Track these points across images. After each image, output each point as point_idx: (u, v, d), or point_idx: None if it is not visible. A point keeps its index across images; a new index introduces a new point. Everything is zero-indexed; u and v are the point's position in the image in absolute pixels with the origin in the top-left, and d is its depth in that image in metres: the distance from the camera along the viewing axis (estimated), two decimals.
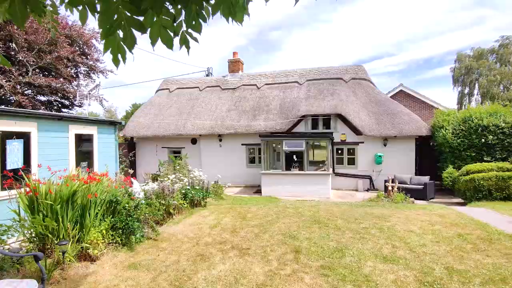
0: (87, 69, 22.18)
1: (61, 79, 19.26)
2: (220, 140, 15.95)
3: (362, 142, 14.23)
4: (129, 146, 16.88)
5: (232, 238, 6.00)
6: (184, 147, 16.59)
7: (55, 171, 5.81)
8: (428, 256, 4.98)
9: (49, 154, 7.26)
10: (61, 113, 7.85)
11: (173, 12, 1.14)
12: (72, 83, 20.91)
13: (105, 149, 9.17)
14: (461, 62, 37.46)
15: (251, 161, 15.85)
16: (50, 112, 8.29)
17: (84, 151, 8.50)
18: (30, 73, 18.12)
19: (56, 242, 4.70)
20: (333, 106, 14.32)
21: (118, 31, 1.19)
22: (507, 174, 9.86)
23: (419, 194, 11.76)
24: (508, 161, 10.94)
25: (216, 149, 16.05)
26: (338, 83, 15.70)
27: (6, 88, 16.87)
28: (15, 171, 6.28)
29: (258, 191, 13.47)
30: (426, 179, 12.27)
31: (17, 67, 17.84)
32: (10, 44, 17.97)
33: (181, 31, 1.22)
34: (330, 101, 14.59)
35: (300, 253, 5.14)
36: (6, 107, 6.68)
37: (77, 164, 8.10)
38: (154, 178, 10.57)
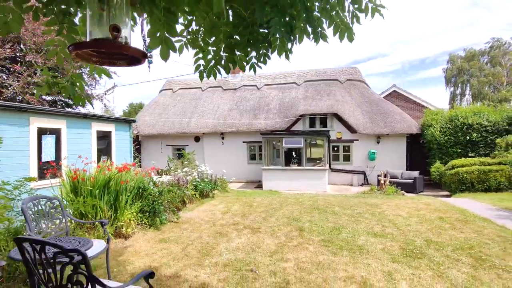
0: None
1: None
2: (223, 138, 16.79)
3: (357, 140, 15.17)
4: (134, 143, 17.65)
5: (243, 221, 6.86)
6: (187, 145, 17.40)
7: (87, 163, 6.63)
8: (412, 233, 5.89)
9: (76, 149, 8.06)
10: (85, 112, 8.65)
11: (249, 50, 1.99)
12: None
13: (121, 144, 9.97)
14: (453, 63, 38.68)
15: (252, 158, 16.71)
16: (76, 111, 9.07)
17: (103, 146, 9.30)
18: (38, 74, 18.83)
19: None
20: (330, 105, 15.24)
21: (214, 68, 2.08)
22: (488, 168, 10.84)
23: (409, 187, 12.71)
24: (490, 157, 11.92)
25: (219, 146, 16.89)
26: (334, 84, 16.62)
27: (15, 88, 17.57)
28: (47, 162, 7.12)
29: (259, 186, 14.33)
30: (416, 173, 13.23)
31: (25, 67, 18.54)
32: (19, 46, 18.65)
33: (251, 62, 2.08)
34: (326, 101, 15.50)
35: (304, 231, 6.02)
36: (41, 107, 7.47)
37: (98, 157, 8.90)
38: (163, 173, 11.37)
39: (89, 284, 2.00)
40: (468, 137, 12.75)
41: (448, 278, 3.91)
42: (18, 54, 18.50)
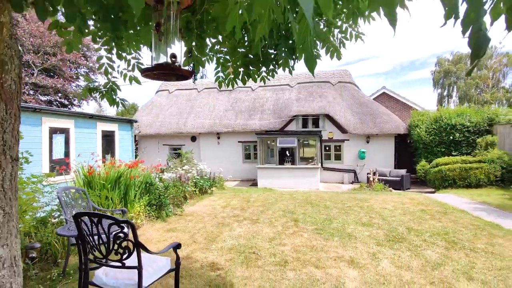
0: (87, 71, 23.24)
1: (61, 80, 20.30)
2: (219, 138, 17.31)
3: (348, 140, 15.86)
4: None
5: (242, 214, 7.43)
6: (184, 144, 17.88)
7: (97, 160, 7.13)
8: (396, 222, 6.53)
9: (83, 147, 8.53)
10: (91, 113, 9.12)
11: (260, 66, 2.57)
12: (71, 84, 21.98)
13: (124, 143, 10.45)
14: (441, 65, 39.87)
15: (247, 157, 17.28)
16: (83, 112, 9.53)
17: (107, 144, 9.77)
18: (35, 74, 19.12)
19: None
20: (322, 107, 15.90)
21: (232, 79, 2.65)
22: (469, 165, 11.60)
23: (397, 184, 13.42)
24: (471, 155, 12.69)
25: (214, 146, 17.41)
26: (326, 86, 17.29)
27: None
28: (57, 159, 7.57)
29: (254, 184, 14.90)
30: (403, 171, 13.95)
31: (24, 68, 18.79)
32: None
33: (261, 75, 2.66)
34: (319, 103, 16.16)
35: (298, 222, 6.62)
36: (52, 108, 7.92)
37: (103, 155, 9.37)
38: (164, 171, 11.85)
39: (135, 249, 2.55)
40: (451, 137, 13.53)
41: (423, 256, 4.54)
42: None
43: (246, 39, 2.50)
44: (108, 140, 9.88)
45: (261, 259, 4.46)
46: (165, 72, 1.88)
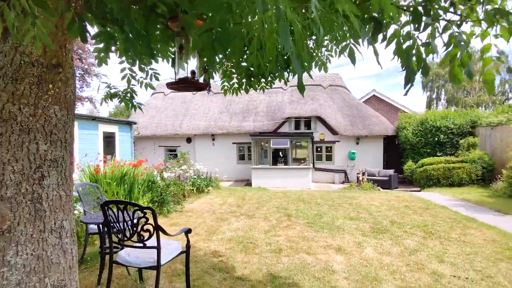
0: (82, 72, 23.50)
1: None
2: (213, 139, 17.77)
3: (338, 141, 16.47)
4: None
5: (239, 210, 7.92)
6: (179, 146, 18.29)
7: (101, 160, 7.55)
8: (381, 217, 7.09)
9: (86, 148, 8.92)
10: (93, 115, 9.51)
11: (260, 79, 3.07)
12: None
13: (123, 144, 10.86)
14: (430, 69, 40.95)
15: (241, 158, 17.76)
16: (86, 114, 9.92)
17: (108, 145, 10.16)
18: None
19: None
20: (313, 109, 16.49)
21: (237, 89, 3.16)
22: (452, 165, 12.28)
23: (385, 184, 14.04)
24: (455, 156, 13.39)
25: (209, 147, 17.86)
26: (318, 89, 17.90)
27: None
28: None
29: (248, 184, 15.39)
30: (391, 171, 14.59)
31: None
32: None
33: (261, 85, 3.16)
34: (310, 105, 16.74)
35: (291, 216, 7.13)
36: None
37: (104, 155, 9.76)
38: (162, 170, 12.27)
39: (155, 231, 3.03)
40: (436, 139, 14.22)
41: (402, 244, 5.09)
42: None
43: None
44: (108, 141, 10.27)
45: (258, 248, 4.95)
46: (186, 85, 2.37)
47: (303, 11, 1.77)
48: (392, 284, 3.67)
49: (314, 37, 3.01)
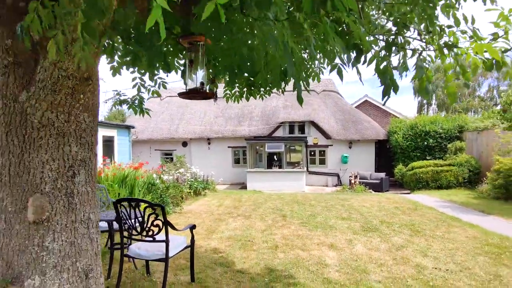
0: None
1: None
2: (209, 143, 18.05)
3: (331, 145, 16.88)
4: None
5: (236, 211, 8.21)
6: (175, 149, 18.52)
7: (102, 163, 7.79)
8: (371, 217, 7.45)
9: None
10: None
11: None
12: None
13: (122, 147, 11.10)
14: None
15: (236, 161, 18.07)
16: None
17: (107, 149, 10.40)
18: None
19: None
20: (307, 114, 16.89)
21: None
22: (440, 169, 12.74)
23: (376, 186, 14.45)
24: (443, 159, 13.86)
25: (205, 151, 18.13)
26: (311, 94, 18.31)
27: None
28: None
29: (244, 187, 15.68)
30: (382, 175, 15.01)
31: None
32: None
33: (260, 94, 3.51)
34: (304, 110, 17.14)
35: (286, 217, 7.46)
36: None
37: (103, 158, 9.99)
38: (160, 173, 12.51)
39: (164, 226, 3.33)
40: (426, 143, 14.70)
41: (390, 241, 5.45)
42: None
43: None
44: (107, 144, 10.51)
45: (256, 245, 5.26)
46: (195, 94, 2.69)
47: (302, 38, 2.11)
48: (379, 275, 4.01)
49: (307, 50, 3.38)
